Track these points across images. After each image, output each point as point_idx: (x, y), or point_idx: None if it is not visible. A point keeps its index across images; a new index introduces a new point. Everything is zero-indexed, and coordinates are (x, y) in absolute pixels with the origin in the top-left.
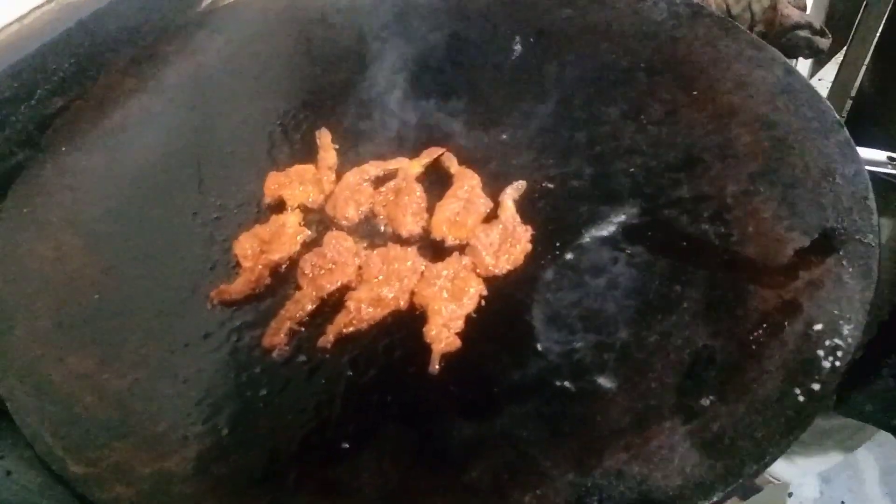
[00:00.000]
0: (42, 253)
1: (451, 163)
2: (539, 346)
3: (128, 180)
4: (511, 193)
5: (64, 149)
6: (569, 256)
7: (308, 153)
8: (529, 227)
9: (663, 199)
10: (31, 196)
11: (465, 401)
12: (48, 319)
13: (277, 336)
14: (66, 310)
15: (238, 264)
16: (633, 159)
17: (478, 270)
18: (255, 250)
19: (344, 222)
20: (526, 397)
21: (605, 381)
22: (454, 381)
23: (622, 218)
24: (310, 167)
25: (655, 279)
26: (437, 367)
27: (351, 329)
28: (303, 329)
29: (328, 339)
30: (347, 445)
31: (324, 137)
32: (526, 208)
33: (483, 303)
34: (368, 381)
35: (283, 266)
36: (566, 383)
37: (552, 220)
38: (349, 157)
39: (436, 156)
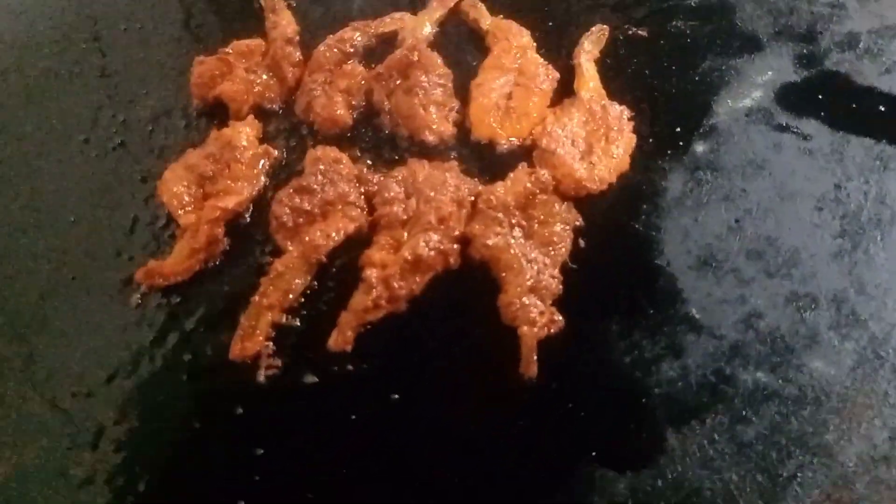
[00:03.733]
0: None
1: (479, 13)
2: (695, 313)
3: None
4: (590, 50)
5: None
6: (700, 148)
7: (249, 22)
8: (625, 107)
9: (827, 39)
10: None
11: (595, 429)
12: None
13: (254, 338)
14: None
15: (172, 221)
16: None
17: (562, 187)
18: (194, 194)
19: (330, 128)
20: (696, 413)
21: (821, 365)
22: (563, 389)
23: (768, 75)
24: (256, 42)
25: (855, 173)
26: (534, 368)
27: (378, 315)
28: (296, 322)
29: (344, 338)
30: None
31: None
32: (610, 75)
33: (582, 243)
34: (429, 406)
35: (247, 214)
36: (760, 375)
37: (658, 91)
38: (313, 19)
39: (451, 4)
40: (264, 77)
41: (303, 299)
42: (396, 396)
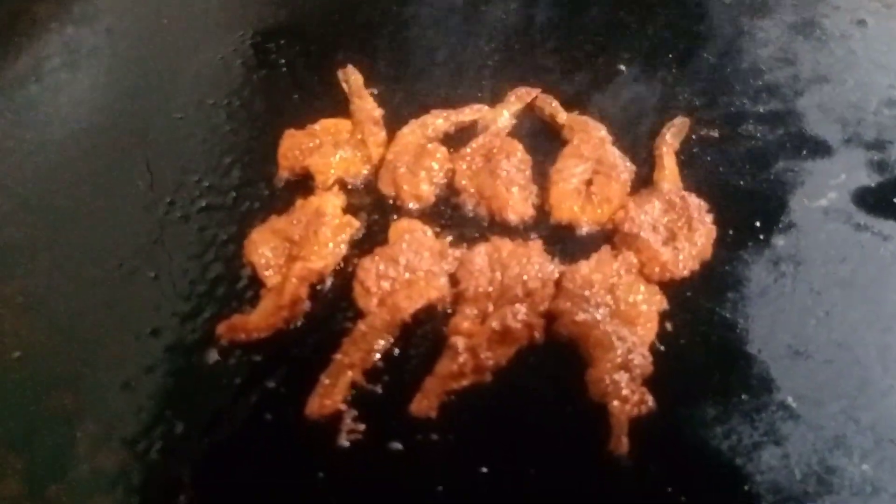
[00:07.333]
0: None
1: (553, 108)
2: (791, 401)
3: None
4: (671, 142)
5: None
6: (781, 242)
7: (331, 104)
8: (703, 201)
9: None
10: None
11: None
12: None
13: (332, 396)
14: None
15: (257, 279)
16: (827, 87)
17: (646, 270)
18: (280, 256)
19: (412, 204)
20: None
21: None
22: (661, 472)
23: (842, 178)
24: (343, 122)
25: None
26: (625, 445)
27: (463, 384)
28: (377, 389)
29: (428, 403)
30: None
31: (351, 77)
32: (686, 171)
33: (669, 326)
34: (517, 481)
35: (328, 281)
36: (866, 468)
37: (733, 188)
38: (394, 106)
39: (528, 99)
40: (350, 153)
41: (384, 365)
42: (485, 470)
